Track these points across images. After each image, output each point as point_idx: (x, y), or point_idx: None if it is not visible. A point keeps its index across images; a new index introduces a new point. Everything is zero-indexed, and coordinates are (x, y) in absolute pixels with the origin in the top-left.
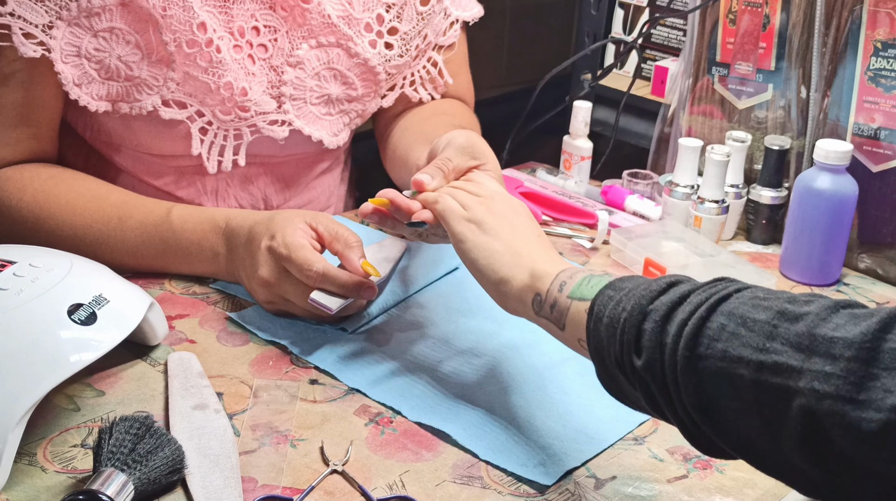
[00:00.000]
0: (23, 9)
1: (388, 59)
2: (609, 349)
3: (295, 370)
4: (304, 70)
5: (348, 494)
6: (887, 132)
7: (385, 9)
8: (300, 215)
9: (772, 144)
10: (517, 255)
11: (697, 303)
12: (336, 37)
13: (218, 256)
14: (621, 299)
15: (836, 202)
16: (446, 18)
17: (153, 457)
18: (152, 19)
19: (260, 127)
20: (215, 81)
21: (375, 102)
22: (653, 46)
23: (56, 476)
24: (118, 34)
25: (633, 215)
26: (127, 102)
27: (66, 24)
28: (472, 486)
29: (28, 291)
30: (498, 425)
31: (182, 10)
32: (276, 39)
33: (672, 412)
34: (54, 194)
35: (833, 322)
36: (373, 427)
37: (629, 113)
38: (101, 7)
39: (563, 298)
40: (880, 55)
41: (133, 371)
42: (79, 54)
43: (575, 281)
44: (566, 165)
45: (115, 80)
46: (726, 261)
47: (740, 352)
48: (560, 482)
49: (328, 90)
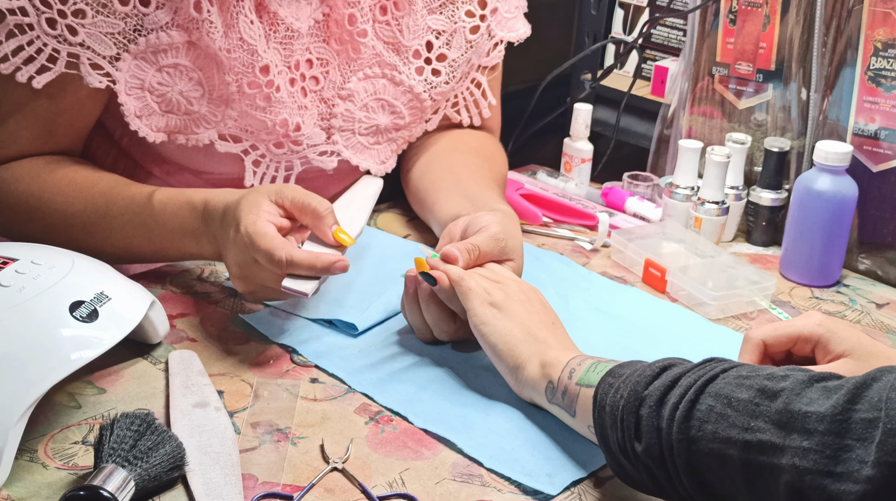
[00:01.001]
0: (93, 40)
1: (434, 85)
2: (612, 436)
3: (295, 369)
4: (353, 103)
5: (348, 492)
6: (887, 132)
7: (435, 35)
8: (264, 194)
9: (771, 146)
10: (534, 342)
11: (687, 385)
12: (381, 67)
13: (199, 239)
14: (619, 386)
15: (836, 204)
16: (490, 39)
17: (154, 454)
18: (217, 59)
19: (310, 158)
20: (272, 119)
21: (421, 126)
22: (653, 46)
23: (57, 473)
24: (182, 70)
25: (634, 216)
26: (184, 134)
27: (133, 57)
28: (472, 484)
29: (30, 288)
30: (505, 432)
31: (247, 53)
32: (328, 72)
33: (675, 492)
34: (49, 182)
35: (807, 396)
36: (373, 426)
37: (629, 113)
38: (169, 45)
39: (573, 385)
40: (880, 55)
41: (134, 369)
42: (142, 87)
43: (583, 368)
44: (567, 167)
45: (175, 113)
46: (726, 262)
47: (728, 433)
48: (575, 486)
49: (377, 121)
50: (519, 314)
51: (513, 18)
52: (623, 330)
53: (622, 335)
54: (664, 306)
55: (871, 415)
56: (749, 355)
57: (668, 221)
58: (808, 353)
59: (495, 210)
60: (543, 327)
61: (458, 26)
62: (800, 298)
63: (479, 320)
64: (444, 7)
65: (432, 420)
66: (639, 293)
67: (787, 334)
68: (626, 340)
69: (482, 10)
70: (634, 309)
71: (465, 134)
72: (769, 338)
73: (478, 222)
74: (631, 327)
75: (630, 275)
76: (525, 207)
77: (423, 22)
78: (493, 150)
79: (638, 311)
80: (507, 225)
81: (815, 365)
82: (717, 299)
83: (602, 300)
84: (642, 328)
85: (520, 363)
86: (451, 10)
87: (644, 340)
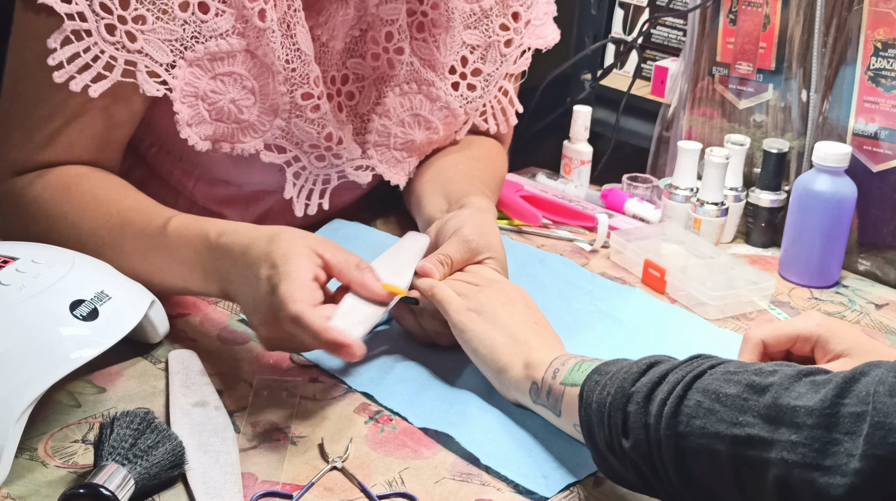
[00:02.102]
0: (151, 47)
1: (470, 100)
2: (599, 434)
3: (295, 369)
4: (389, 118)
5: (348, 490)
6: (887, 132)
7: (469, 50)
8: (305, 241)
9: (770, 148)
10: (516, 344)
11: (675, 382)
12: (418, 83)
13: (208, 275)
14: (606, 384)
15: (835, 204)
16: (518, 47)
17: (154, 452)
18: (273, 69)
19: (347, 172)
20: (318, 131)
21: (450, 137)
22: (653, 46)
23: (57, 471)
24: (237, 79)
25: (633, 218)
26: (230, 143)
27: (188, 64)
28: (472, 483)
29: (30, 287)
30: (505, 432)
31: (303, 63)
32: (363, 87)
33: (663, 488)
34: (74, 195)
35: (796, 391)
36: (372, 425)
37: (629, 113)
38: (227, 52)
39: (557, 384)
40: (880, 55)
41: (134, 369)
42: (196, 95)
43: (567, 367)
44: (566, 169)
45: (224, 121)
46: (726, 263)
47: (717, 428)
48: (570, 488)
49: (413, 136)
50: (499, 316)
51: (542, 25)
52: (627, 333)
53: (627, 339)
54: (667, 309)
55: (858, 409)
56: (748, 354)
57: (667, 222)
58: (808, 353)
59: (465, 206)
60: (525, 327)
61: (493, 40)
62: (799, 298)
63: (458, 327)
64: (479, 22)
65: (431, 419)
66: (642, 295)
67: (787, 333)
68: (629, 343)
69: (516, 23)
70: (638, 312)
71: (470, 138)
72: (768, 338)
73: (448, 227)
74: (635, 329)
75: (629, 276)
76: (524, 208)
77: (459, 38)
78: (489, 150)
79: (642, 313)
80: (478, 222)
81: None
82: (717, 300)
83: (605, 303)
84: (646, 330)
85: (502, 366)
86: (485, 25)
87: (647, 342)
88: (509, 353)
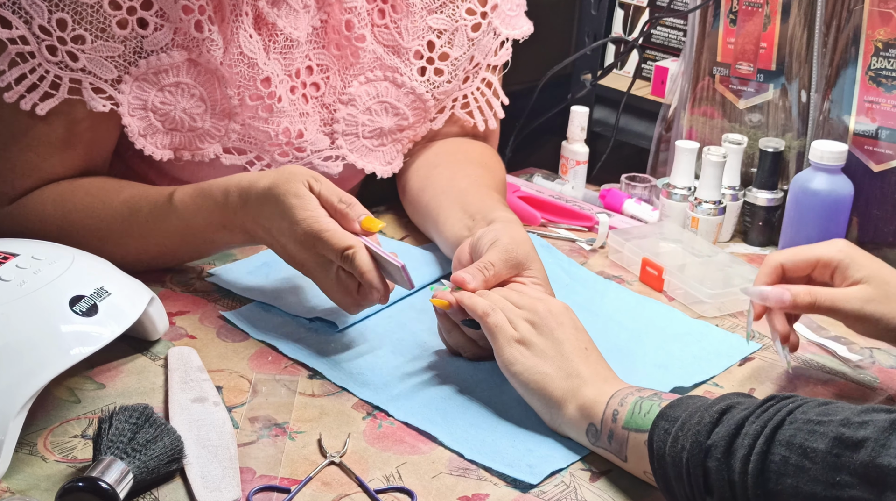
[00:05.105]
0: (93, 65)
1: (437, 85)
2: (678, 488)
3: (294, 365)
4: (355, 107)
5: (345, 485)
6: (888, 132)
7: (436, 35)
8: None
9: (766, 147)
10: (566, 378)
11: (755, 435)
12: (383, 70)
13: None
14: (678, 436)
15: (832, 202)
16: (496, 38)
17: (152, 446)
18: (218, 75)
19: (315, 164)
20: (274, 129)
21: (425, 126)
22: (653, 46)
23: (56, 466)
24: (184, 88)
25: (631, 218)
26: (189, 151)
27: (134, 79)
28: (469, 478)
29: (30, 282)
30: (486, 426)
31: (247, 66)
32: (329, 78)
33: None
34: (73, 201)
35: (894, 448)
36: (370, 421)
37: (629, 113)
38: (170, 65)
39: (619, 428)
40: (881, 55)
41: (133, 365)
42: (145, 107)
43: (626, 408)
44: (563, 169)
45: (179, 130)
46: (723, 261)
47: (812, 488)
48: (556, 474)
49: (380, 124)
50: (548, 349)
51: (515, 16)
52: (612, 330)
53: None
54: (661, 308)
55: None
56: (766, 277)
57: (665, 221)
58: (828, 279)
59: (495, 221)
60: (575, 356)
61: (460, 24)
62: None
63: (507, 360)
64: (445, 6)
65: (413, 414)
66: (630, 294)
67: (807, 258)
68: (618, 340)
69: (483, 8)
70: (628, 309)
71: (464, 143)
72: (788, 262)
73: (484, 240)
74: (620, 327)
75: (627, 274)
76: (523, 208)
77: (423, 23)
78: (491, 159)
79: (633, 311)
80: (513, 233)
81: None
82: (714, 298)
83: (581, 296)
84: (635, 328)
85: (554, 403)
86: (451, 9)
87: (640, 340)
88: (561, 389)
